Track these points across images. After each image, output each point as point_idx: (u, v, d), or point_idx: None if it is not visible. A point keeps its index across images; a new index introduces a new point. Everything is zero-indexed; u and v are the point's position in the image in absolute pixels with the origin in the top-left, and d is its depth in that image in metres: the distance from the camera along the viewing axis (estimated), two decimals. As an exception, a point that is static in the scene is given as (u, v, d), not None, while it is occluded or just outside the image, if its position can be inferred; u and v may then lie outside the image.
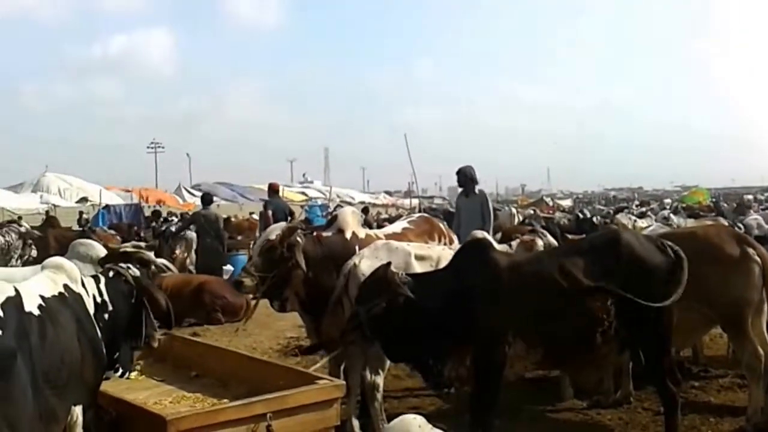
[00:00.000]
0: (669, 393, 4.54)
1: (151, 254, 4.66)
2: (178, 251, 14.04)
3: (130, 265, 3.73)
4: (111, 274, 3.63)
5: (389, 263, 4.31)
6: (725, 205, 28.74)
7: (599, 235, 6.33)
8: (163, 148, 66.90)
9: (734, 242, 5.22)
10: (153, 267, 4.05)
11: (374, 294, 4.12)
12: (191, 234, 13.74)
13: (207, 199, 13.59)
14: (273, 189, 12.70)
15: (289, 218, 12.01)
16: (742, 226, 8.67)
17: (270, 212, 11.51)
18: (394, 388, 6.25)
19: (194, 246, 13.44)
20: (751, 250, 5.16)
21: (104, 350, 3.40)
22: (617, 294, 4.23)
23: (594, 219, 14.66)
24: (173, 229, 15.84)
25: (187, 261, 14.23)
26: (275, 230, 5.27)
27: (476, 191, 9.11)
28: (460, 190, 9.36)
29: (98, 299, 3.46)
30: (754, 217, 10.62)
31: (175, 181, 33.74)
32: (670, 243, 4.59)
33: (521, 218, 18.65)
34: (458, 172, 9.18)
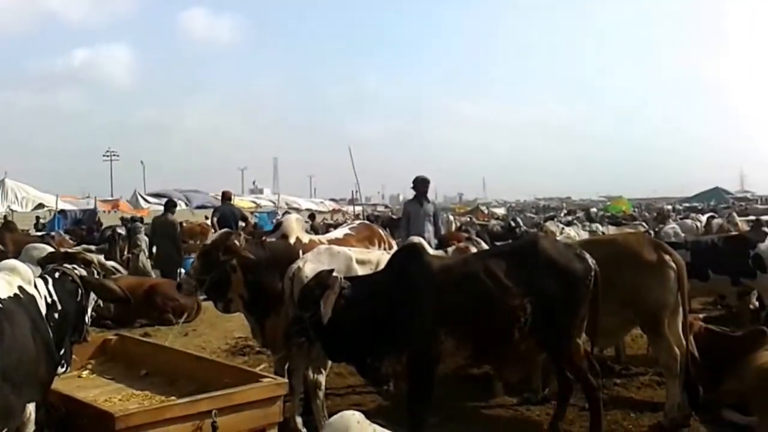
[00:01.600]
0: (591, 389, 4.63)
1: (99, 256, 4.59)
2: (126, 253, 13.79)
3: (76, 266, 3.65)
4: (57, 274, 3.54)
5: (332, 270, 4.31)
6: (647, 214, 29.60)
7: (520, 240, 6.44)
8: (118, 156, 65.42)
9: (652, 249, 5.32)
10: (99, 268, 3.95)
11: (315, 298, 4.11)
12: (142, 237, 13.49)
13: (169, 205, 13.39)
14: (225, 196, 12.54)
15: (241, 223, 11.91)
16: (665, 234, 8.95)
17: (215, 219, 11.44)
18: (337, 386, 6.22)
19: (144, 249, 13.22)
20: (667, 257, 5.27)
21: (55, 349, 3.36)
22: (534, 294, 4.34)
23: (523, 227, 14.92)
24: (121, 232, 15.55)
25: (141, 263, 13.98)
26: (213, 236, 5.32)
27: (428, 200, 9.18)
28: (412, 196, 9.33)
29: (49, 299, 3.42)
30: (672, 226, 10.96)
31: (130, 189, 33.06)
32: (582, 250, 4.71)
33: (458, 225, 18.85)
34: (420, 180, 9.17)
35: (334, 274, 4.23)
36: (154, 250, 12.64)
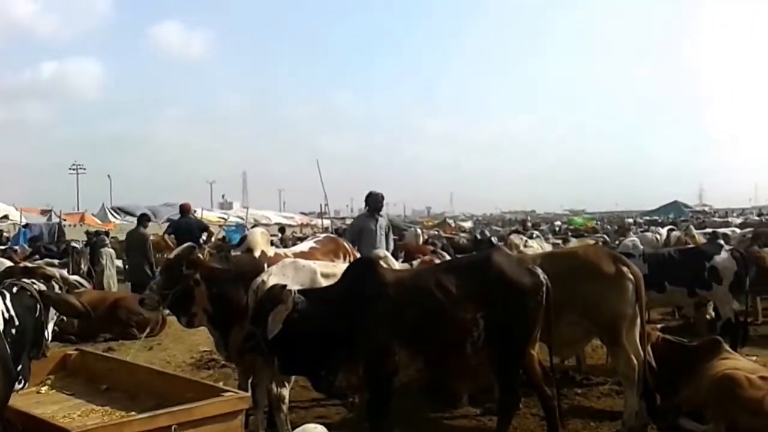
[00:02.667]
0: (546, 398, 4.67)
1: (62, 271, 4.50)
2: (83, 266, 13.57)
3: (35, 280, 3.57)
4: (15, 289, 3.46)
5: (285, 285, 4.28)
6: (609, 227, 30.02)
7: (474, 255, 6.47)
8: (84, 169, 64.25)
9: (610, 261, 5.39)
10: (61, 282, 3.86)
11: (266, 313, 4.08)
12: (106, 251, 13.29)
13: (142, 219, 13.22)
14: (183, 209, 12.39)
15: (203, 233, 11.72)
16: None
17: (168, 235, 11.29)
18: (302, 399, 6.17)
19: (108, 263, 13.02)
20: (625, 269, 5.34)
21: (12, 364, 3.27)
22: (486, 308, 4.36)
23: (492, 239, 15.01)
24: (77, 246, 15.28)
25: (105, 277, 13.76)
26: (175, 250, 5.26)
27: (382, 215, 9.14)
28: (365, 210, 9.28)
29: (6, 315, 3.32)
30: (632, 239, 11.10)
31: (97, 202, 32.60)
32: (534, 265, 4.75)
33: (426, 238, 18.89)
34: (373, 196, 9.08)
35: (288, 288, 4.20)
36: (124, 263, 12.49)
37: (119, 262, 16.55)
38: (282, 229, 25.61)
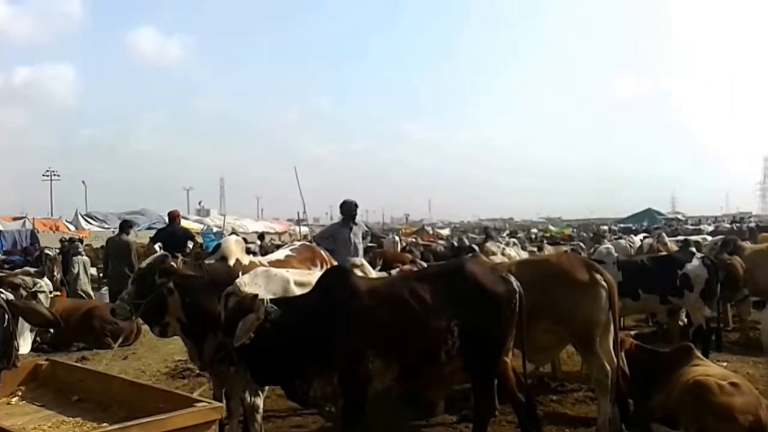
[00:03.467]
0: (519, 405, 4.68)
1: (39, 280, 4.43)
2: (57, 274, 13.38)
3: (2, 290, 3.50)
4: None
5: (256, 295, 4.23)
6: (584, 234, 30.27)
7: (448, 263, 6.48)
8: (58, 176, 63.40)
9: (584, 269, 5.43)
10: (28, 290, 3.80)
11: (237, 323, 4.04)
12: (79, 259, 13.11)
13: (124, 226, 12.94)
14: (171, 216, 12.21)
15: (189, 242, 11.58)
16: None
17: (157, 245, 11.07)
18: (278, 408, 6.13)
19: (81, 271, 12.85)
20: (599, 276, 5.38)
21: None
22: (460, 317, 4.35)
23: (473, 246, 15.03)
24: (50, 253, 15.08)
25: (79, 285, 13.59)
26: (148, 259, 5.18)
27: (357, 223, 9.13)
28: (340, 219, 9.27)
29: None
30: (606, 246, 11.17)
31: (71, 209, 32.20)
32: (508, 273, 4.76)
33: (403, 245, 18.89)
34: (347, 204, 9.07)
35: (260, 297, 4.16)
36: (98, 271, 12.30)
37: (93, 270, 16.38)
38: (261, 236, 25.52)
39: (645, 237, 15.52)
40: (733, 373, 5.69)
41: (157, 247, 11.06)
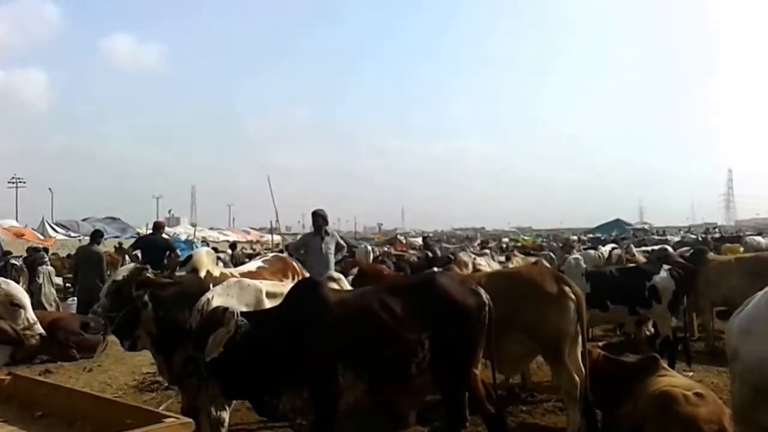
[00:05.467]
0: (489, 416, 4.69)
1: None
2: (23, 284, 13.11)
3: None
4: None
5: (227, 308, 4.20)
6: (554, 244, 30.54)
7: (419, 275, 6.50)
8: (24, 183, 62.27)
9: (553, 281, 5.51)
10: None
11: (207, 336, 4.01)
12: (44, 269, 12.89)
13: (95, 236, 12.72)
14: (156, 227, 11.97)
15: (168, 253, 11.41)
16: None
17: (137, 253, 10.87)
18: (248, 421, 6.08)
19: (46, 281, 12.62)
20: (567, 288, 5.46)
21: None
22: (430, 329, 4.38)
23: (450, 256, 15.07)
24: (15, 263, 14.80)
25: (44, 295, 13.34)
26: (123, 271, 5.10)
27: (329, 233, 9.12)
28: (311, 229, 9.25)
29: None
30: (575, 256, 11.32)
31: (37, 216, 31.63)
32: (477, 285, 4.79)
33: (376, 255, 18.85)
34: (318, 214, 9.06)
35: (230, 310, 4.14)
36: (65, 281, 12.07)
37: (59, 280, 16.10)
38: (233, 245, 25.29)
39: (613, 248, 15.67)
40: (698, 383, 5.78)
41: (137, 254, 10.95)
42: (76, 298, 12.38)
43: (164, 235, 12.14)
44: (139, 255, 10.70)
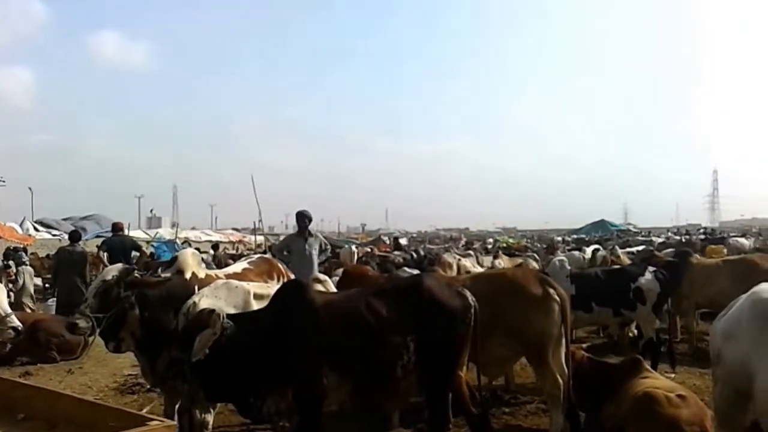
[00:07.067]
0: (472, 417, 4.73)
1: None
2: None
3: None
4: None
5: (213, 310, 4.20)
6: (539, 245, 30.71)
7: (405, 278, 6.53)
8: (4, 182, 61.46)
9: (537, 283, 5.56)
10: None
11: (192, 339, 4.02)
12: (24, 269, 12.79)
13: (75, 236, 12.62)
14: (116, 228, 12.04)
15: (135, 253, 11.46)
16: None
17: (104, 254, 10.93)
18: (231, 423, 6.09)
19: (27, 281, 12.52)
20: (551, 290, 5.52)
21: None
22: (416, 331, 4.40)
23: (428, 255, 15.11)
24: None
25: (24, 298, 13.23)
26: (111, 271, 5.07)
27: (312, 233, 9.13)
28: (295, 230, 9.25)
29: None
30: (559, 258, 11.41)
31: (18, 216, 31.19)
32: (463, 288, 4.83)
33: (360, 255, 18.88)
34: (304, 215, 9.05)
35: (216, 312, 4.15)
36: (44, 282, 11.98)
37: (38, 280, 15.94)
38: (215, 246, 25.19)
39: (596, 249, 15.77)
40: (680, 385, 5.86)
41: (104, 255, 10.95)
42: (55, 299, 12.29)
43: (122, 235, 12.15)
44: (105, 257, 10.76)
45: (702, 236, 33.71)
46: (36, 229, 28.98)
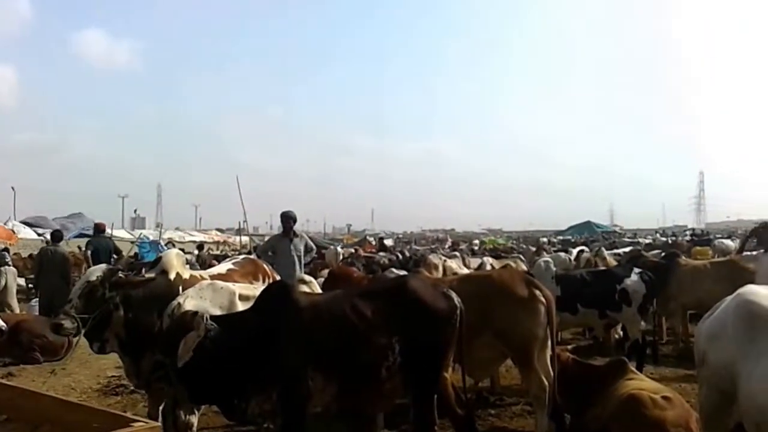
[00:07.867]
0: (457, 419, 4.74)
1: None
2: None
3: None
4: None
5: (196, 312, 4.19)
6: (524, 246, 30.82)
7: (390, 279, 6.55)
8: (-14, 181, 60.66)
9: (524, 284, 5.58)
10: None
11: (176, 341, 4.01)
12: (7, 270, 12.67)
13: (57, 236, 12.54)
14: (98, 229, 12.00)
15: (114, 256, 11.43)
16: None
17: (89, 253, 10.91)
18: (215, 425, 6.07)
19: (9, 282, 12.41)
20: (537, 292, 5.53)
21: None
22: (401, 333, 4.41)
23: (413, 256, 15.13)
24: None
25: (6, 299, 13.09)
26: (95, 272, 5.05)
27: (298, 234, 9.12)
28: (280, 231, 9.25)
29: None
30: (545, 259, 11.48)
31: (2, 215, 30.88)
32: (449, 289, 4.83)
33: (344, 256, 18.87)
34: (289, 216, 9.04)
35: (200, 314, 4.13)
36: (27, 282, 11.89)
37: (21, 281, 15.79)
38: (200, 246, 25.12)
39: (581, 250, 15.85)
40: (666, 386, 5.91)
41: (89, 253, 10.93)
42: (38, 299, 12.19)
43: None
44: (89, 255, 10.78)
45: (688, 238, 33.95)
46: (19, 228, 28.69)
